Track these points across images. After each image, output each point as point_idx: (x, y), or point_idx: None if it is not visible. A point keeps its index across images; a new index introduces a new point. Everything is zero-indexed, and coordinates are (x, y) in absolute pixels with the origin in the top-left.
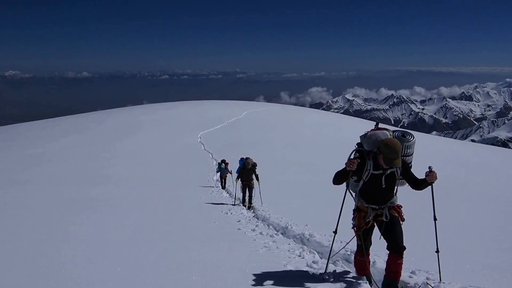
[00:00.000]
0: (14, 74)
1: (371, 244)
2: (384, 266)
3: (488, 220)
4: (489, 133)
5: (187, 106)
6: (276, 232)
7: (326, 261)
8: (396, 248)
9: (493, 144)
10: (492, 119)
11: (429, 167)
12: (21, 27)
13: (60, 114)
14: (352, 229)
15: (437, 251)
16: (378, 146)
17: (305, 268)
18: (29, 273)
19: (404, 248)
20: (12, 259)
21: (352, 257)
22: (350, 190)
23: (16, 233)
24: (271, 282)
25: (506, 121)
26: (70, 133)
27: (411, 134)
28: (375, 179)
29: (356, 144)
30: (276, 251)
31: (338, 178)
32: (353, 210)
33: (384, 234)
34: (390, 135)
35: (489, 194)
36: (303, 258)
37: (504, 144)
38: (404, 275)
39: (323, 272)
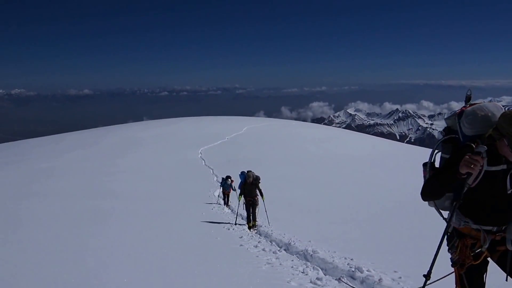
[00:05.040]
0: (20, 92)
1: None
2: (392, 284)
3: None
4: None
5: (187, 122)
6: (279, 248)
7: (331, 278)
8: None
9: None
10: None
11: None
12: (26, 48)
13: (63, 131)
14: (453, 267)
15: None
16: (502, 124)
17: (309, 285)
18: (38, 284)
19: None
20: (23, 270)
21: (358, 274)
22: (438, 205)
23: (27, 244)
24: None
25: None
26: (74, 149)
27: None
28: (493, 180)
29: (443, 130)
30: (279, 268)
31: (437, 188)
32: (448, 234)
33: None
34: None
35: None
36: (306, 274)
37: None
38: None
39: None
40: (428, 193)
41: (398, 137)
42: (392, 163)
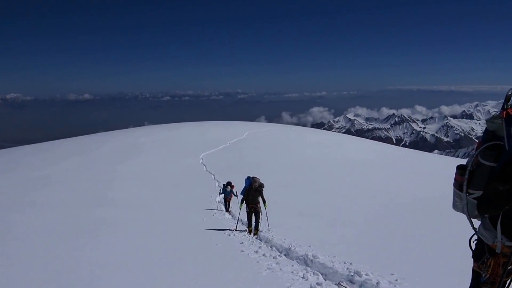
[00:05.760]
0: (15, 97)
1: None
2: (389, 287)
3: None
4: None
5: (188, 127)
6: (279, 253)
7: (331, 283)
8: None
9: None
10: None
11: None
12: (22, 50)
13: (62, 137)
14: (484, 286)
15: None
16: None
17: None
18: None
19: None
20: (12, 284)
21: (357, 278)
22: (470, 214)
23: (18, 258)
24: None
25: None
26: (72, 155)
27: None
28: None
29: (486, 134)
30: (280, 273)
31: (499, 205)
32: (476, 250)
33: None
34: None
35: None
36: (307, 279)
37: None
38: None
39: None
40: (488, 209)
41: (394, 141)
42: (390, 167)
